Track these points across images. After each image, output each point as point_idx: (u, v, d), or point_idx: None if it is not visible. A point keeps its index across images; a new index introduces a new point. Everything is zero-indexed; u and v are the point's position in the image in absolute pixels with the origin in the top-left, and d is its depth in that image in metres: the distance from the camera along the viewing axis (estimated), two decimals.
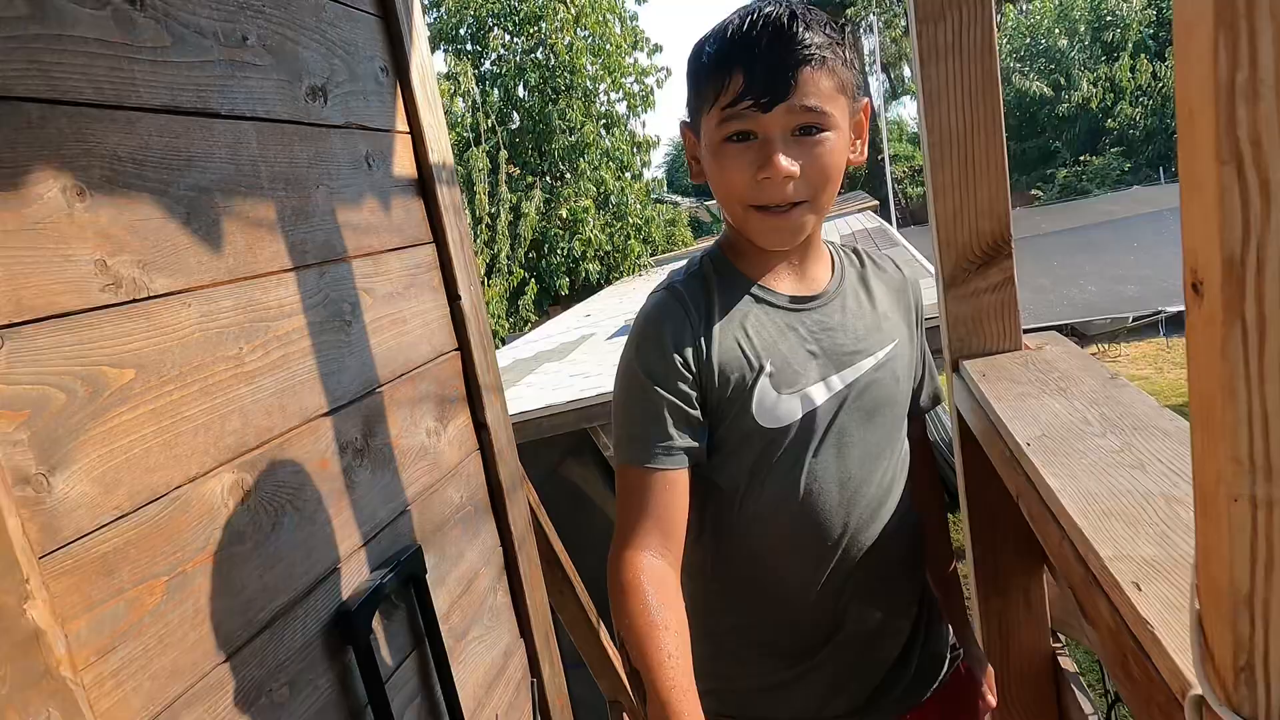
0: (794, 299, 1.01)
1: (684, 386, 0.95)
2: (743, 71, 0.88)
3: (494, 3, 14.47)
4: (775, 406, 0.98)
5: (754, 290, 1.01)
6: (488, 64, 14.81)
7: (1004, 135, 1.26)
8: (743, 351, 0.97)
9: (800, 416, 0.98)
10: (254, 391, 1.03)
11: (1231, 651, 0.42)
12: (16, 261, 0.76)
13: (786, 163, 0.89)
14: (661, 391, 0.95)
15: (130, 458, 0.84)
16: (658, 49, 15.70)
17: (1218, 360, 0.39)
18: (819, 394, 0.99)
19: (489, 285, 12.41)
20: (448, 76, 13.35)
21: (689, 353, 0.96)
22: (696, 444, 0.96)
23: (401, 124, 1.49)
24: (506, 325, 12.79)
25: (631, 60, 15.00)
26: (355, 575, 1.20)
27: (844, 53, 0.92)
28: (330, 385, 1.18)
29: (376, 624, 1.24)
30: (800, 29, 0.88)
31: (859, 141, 0.99)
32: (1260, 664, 0.42)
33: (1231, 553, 0.41)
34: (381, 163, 1.40)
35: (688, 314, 0.97)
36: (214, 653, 0.93)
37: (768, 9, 0.90)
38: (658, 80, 15.22)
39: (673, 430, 0.94)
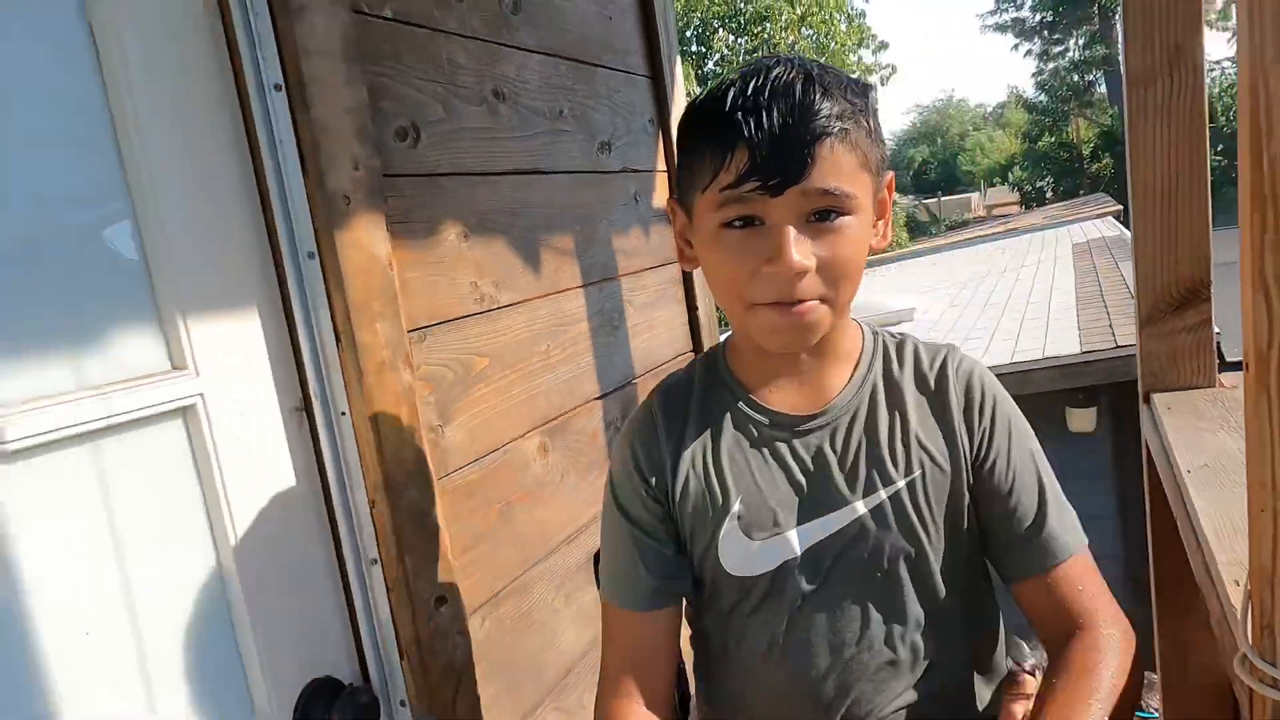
0: (787, 417, 0.86)
1: (654, 520, 0.88)
2: (748, 147, 0.73)
3: (720, 4, 14.84)
4: (745, 553, 0.85)
5: (741, 405, 0.88)
6: (711, 64, 15.24)
7: (1208, 189, 1.36)
8: (709, 485, 0.86)
9: (774, 568, 0.84)
10: (554, 378, 1.39)
11: (1259, 615, 0.62)
12: (431, 284, 1.14)
13: (799, 256, 0.74)
14: (632, 526, 0.88)
15: (484, 420, 1.22)
16: (884, 46, 15.38)
17: (1252, 416, 0.59)
18: (795, 542, 0.84)
19: None
20: None
21: (655, 481, 0.87)
22: (673, 580, 0.89)
23: (661, 164, 1.82)
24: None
25: (855, 59, 14.84)
26: None
27: (868, 121, 0.77)
28: (602, 376, 1.53)
29: None
30: (816, 95, 0.73)
31: (881, 222, 0.83)
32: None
33: (1259, 547, 0.60)
34: (644, 197, 1.74)
35: (657, 433, 0.88)
36: (522, 563, 1.29)
37: (776, 69, 0.75)
38: (882, 78, 14.94)
39: (644, 571, 0.87)
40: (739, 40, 14.90)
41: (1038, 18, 30.14)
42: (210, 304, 0.88)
